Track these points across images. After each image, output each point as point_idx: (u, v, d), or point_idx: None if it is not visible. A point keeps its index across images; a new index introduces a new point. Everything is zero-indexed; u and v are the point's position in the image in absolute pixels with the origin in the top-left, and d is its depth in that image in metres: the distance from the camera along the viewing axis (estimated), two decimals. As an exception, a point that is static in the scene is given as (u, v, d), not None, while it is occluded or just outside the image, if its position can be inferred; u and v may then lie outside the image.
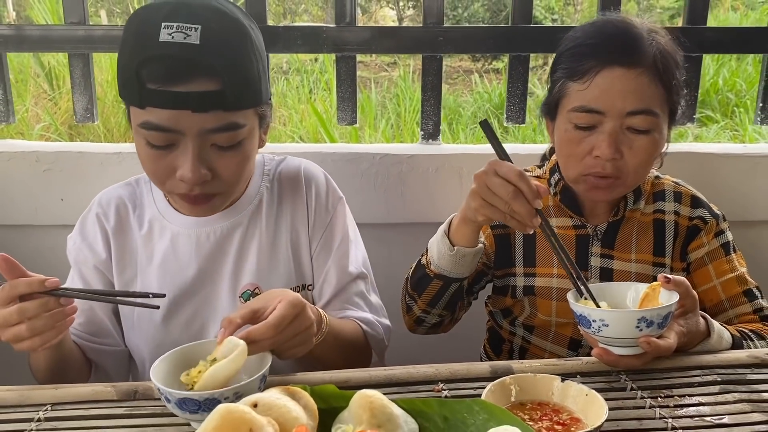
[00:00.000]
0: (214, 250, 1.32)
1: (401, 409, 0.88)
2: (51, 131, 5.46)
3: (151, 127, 1.12)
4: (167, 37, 1.09)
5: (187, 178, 1.15)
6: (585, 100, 1.28)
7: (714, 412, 1.00)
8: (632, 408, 1.01)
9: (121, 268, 1.34)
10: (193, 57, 1.09)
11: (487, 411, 0.85)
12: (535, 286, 1.42)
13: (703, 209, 1.42)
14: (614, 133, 1.27)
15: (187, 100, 1.10)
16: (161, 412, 1.00)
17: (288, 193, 1.38)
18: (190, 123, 1.12)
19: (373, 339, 1.34)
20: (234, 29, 1.15)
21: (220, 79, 1.11)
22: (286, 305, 1.04)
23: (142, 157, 1.19)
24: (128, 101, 1.16)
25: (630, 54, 1.26)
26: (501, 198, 1.15)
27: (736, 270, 1.39)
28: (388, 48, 1.85)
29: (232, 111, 1.15)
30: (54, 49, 1.86)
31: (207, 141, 1.15)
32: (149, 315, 1.30)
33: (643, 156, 1.29)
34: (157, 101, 1.10)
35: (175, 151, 1.15)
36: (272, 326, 1.01)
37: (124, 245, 1.34)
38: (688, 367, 1.13)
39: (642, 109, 1.26)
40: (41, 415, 1.01)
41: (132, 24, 1.15)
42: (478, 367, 1.11)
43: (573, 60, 1.31)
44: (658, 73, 1.26)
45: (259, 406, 0.83)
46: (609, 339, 1.08)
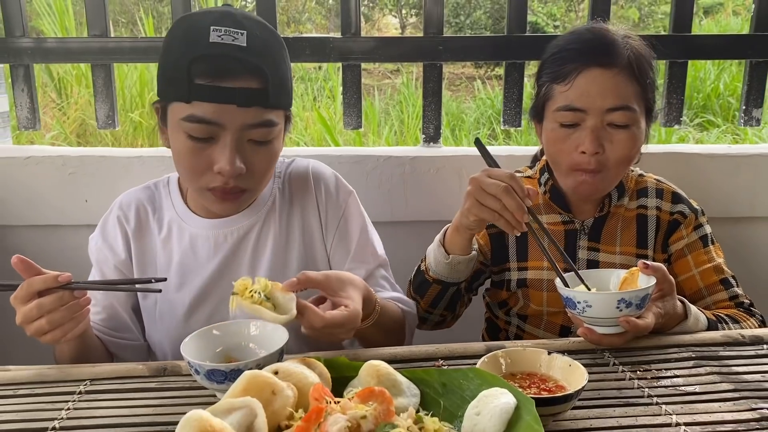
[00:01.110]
0: (231, 251, 1.41)
1: (405, 378, 1.00)
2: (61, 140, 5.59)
3: (196, 120, 1.22)
4: (217, 39, 1.21)
5: (225, 169, 1.24)
6: (568, 100, 1.40)
7: (687, 383, 1.10)
8: (613, 380, 1.12)
9: (141, 269, 1.43)
10: (240, 57, 1.21)
11: (481, 377, 0.96)
12: (527, 279, 1.53)
13: (683, 204, 1.53)
14: (596, 129, 1.39)
15: (233, 95, 1.21)
16: (189, 386, 1.11)
17: (298, 192, 1.46)
18: (233, 117, 1.23)
19: (409, 315, 1.44)
20: (273, 38, 1.29)
21: (262, 78, 1.23)
22: (350, 315, 1.14)
23: (181, 152, 1.27)
24: (173, 97, 1.25)
25: (606, 55, 1.39)
26: (493, 195, 1.26)
27: (714, 260, 1.50)
28: (391, 57, 1.97)
29: (270, 109, 1.26)
30: (78, 60, 1.98)
31: (244, 136, 1.26)
32: (171, 312, 1.41)
33: (624, 150, 1.40)
34: (204, 95, 1.21)
35: (213, 144, 1.25)
36: (327, 324, 1.12)
37: (143, 247, 1.43)
38: (666, 346, 1.24)
39: (620, 106, 1.38)
40: (82, 389, 1.12)
41: (178, 29, 1.27)
42: (474, 346, 1.22)
43: (556, 65, 1.44)
44: (633, 72, 1.39)
45: (279, 373, 0.94)
46: (592, 319, 1.20)
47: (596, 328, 1.21)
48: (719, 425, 0.98)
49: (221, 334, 1.14)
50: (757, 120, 2.04)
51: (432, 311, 1.52)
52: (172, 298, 1.41)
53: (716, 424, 0.98)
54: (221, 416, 0.85)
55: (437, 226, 1.50)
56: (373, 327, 1.29)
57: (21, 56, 1.92)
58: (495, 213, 1.27)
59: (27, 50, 1.92)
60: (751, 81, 2.02)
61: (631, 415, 1.01)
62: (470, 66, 9.03)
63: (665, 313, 1.25)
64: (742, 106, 2.04)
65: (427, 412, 0.94)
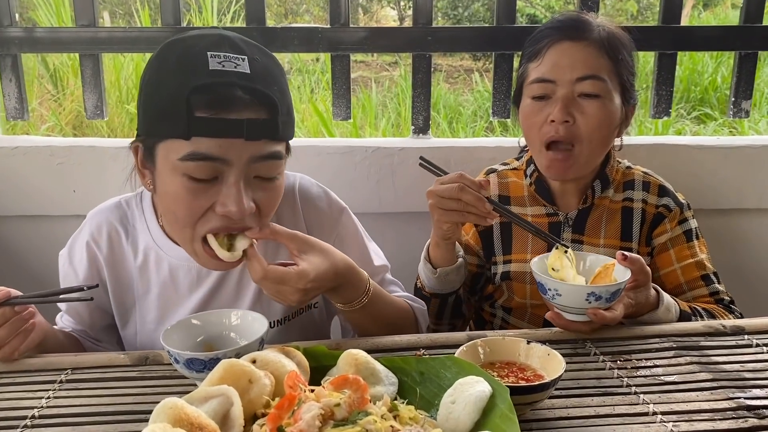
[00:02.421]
0: (215, 284, 1.31)
1: (383, 366, 1.00)
2: (56, 131, 5.58)
3: (199, 158, 1.08)
4: (217, 66, 1.08)
5: (233, 211, 1.10)
6: (539, 73, 1.43)
7: (666, 373, 1.11)
8: (593, 369, 1.12)
9: (118, 298, 1.34)
10: (246, 84, 1.08)
11: (458, 366, 0.96)
12: (510, 272, 1.53)
13: (668, 198, 1.53)
14: (566, 98, 1.40)
15: (240, 128, 1.08)
16: (170, 374, 1.12)
17: (284, 214, 1.34)
18: (240, 152, 1.10)
19: (419, 310, 1.40)
20: (273, 62, 1.17)
21: (271, 107, 1.11)
22: (295, 274, 1.11)
23: (177, 196, 1.12)
24: (168, 134, 1.10)
25: (576, 30, 1.42)
26: (450, 198, 1.29)
27: (696, 256, 1.50)
28: (381, 47, 1.96)
29: (278, 140, 1.14)
30: (66, 50, 1.97)
31: (251, 172, 1.13)
32: (152, 347, 1.31)
33: (595, 120, 1.40)
34: (208, 130, 1.07)
35: (217, 184, 1.11)
36: (266, 276, 1.11)
37: (119, 274, 1.33)
38: (648, 336, 1.24)
39: (589, 75, 1.40)
40: (63, 377, 1.12)
41: (169, 56, 1.12)
42: (456, 336, 1.23)
43: (531, 45, 1.48)
44: (604, 46, 1.41)
45: (257, 362, 0.95)
46: (562, 306, 1.21)
47: (565, 314, 1.22)
48: (696, 414, 0.99)
49: (202, 324, 1.15)
50: (746, 112, 2.03)
51: (440, 323, 1.54)
52: (152, 333, 1.33)
53: (693, 413, 0.99)
54: (197, 404, 0.86)
55: (426, 217, 1.50)
56: (364, 313, 1.25)
57: (9, 46, 1.92)
58: (460, 212, 1.30)
59: (15, 40, 1.91)
60: (740, 73, 2.02)
61: (608, 404, 1.01)
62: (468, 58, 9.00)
63: (636, 303, 1.27)
64: (731, 98, 2.04)
65: (404, 400, 0.95)
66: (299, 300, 1.14)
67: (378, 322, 1.28)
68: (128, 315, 1.35)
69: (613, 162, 1.55)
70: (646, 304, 1.29)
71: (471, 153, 1.94)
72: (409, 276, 1.59)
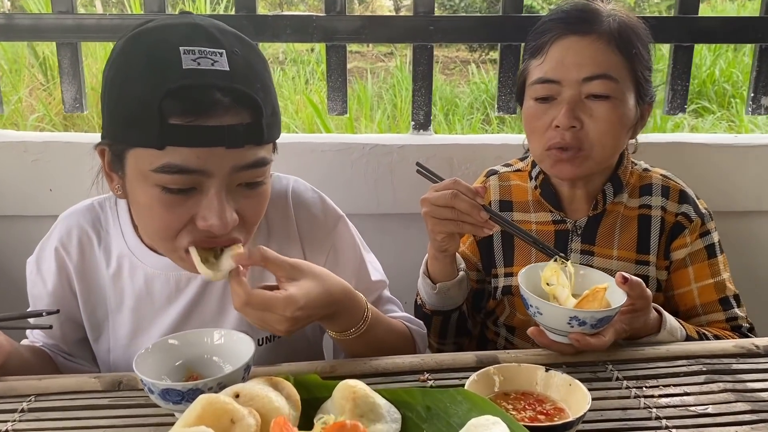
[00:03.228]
0: (195, 295, 1.19)
1: (384, 399, 0.88)
2: (45, 122, 5.44)
3: (173, 170, 0.95)
4: (192, 64, 0.94)
5: (216, 226, 0.98)
6: (542, 72, 1.29)
7: (698, 402, 0.99)
8: (617, 398, 1.01)
9: (90, 310, 1.23)
10: (225, 85, 0.95)
11: (470, 401, 0.85)
12: (512, 286, 1.40)
13: (689, 206, 1.38)
14: (572, 101, 1.26)
15: (220, 135, 0.95)
16: (145, 403, 1.00)
17: (276, 221, 1.23)
18: (221, 161, 0.97)
19: (418, 334, 1.28)
20: (255, 54, 1.03)
21: (254, 110, 0.98)
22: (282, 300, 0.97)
23: (150, 208, 1.00)
24: (137, 142, 0.97)
25: (584, 22, 1.27)
26: (444, 206, 1.18)
27: (718, 275, 1.36)
28: (379, 37, 1.84)
29: (263, 145, 1.02)
30: (43, 38, 1.84)
31: (234, 180, 1.00)
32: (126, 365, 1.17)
33: (605, 124, 1.26)
34: (183, 139, 0.94)
35: (195, 195, 0.99)
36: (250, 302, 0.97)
37: (90, 285, 1.22)
38: (674, 357, 1.13)
39: (598, 74, 1.25)
40: (25, 406, 1.00)
41: (137, 51, 0.98)
42: (463, 357, 1.11)
43: (534, 39, 1.33)
44: (615, 39, 1.26)
45: (240, 397, 0.83)
46: (544, 325, 1.11)
47: (548, 333, 1.11)
48: (737, 454, 0.88)
49: (180, 345, 1.02)
50: (766, 108, 1.92)
51: (444, 342, 1.42)
52: (126, 349, 1.21)
53: (734, 452, 0.88)
54: (170, 449, 0.74)
55: (426, 219, 1.38)
56: (360, 342, 1.11)
57: (-20, 34, 1.79)
58: (455, 222, 1.19)
59: (-14, 27, 1.78)
60: (761, 66, 1.90)
61: (638, 441, 0.90)
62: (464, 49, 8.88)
63: (630, 329, 1.14)
64: (750, 93, 1.92)
65: (408, 440, 0.84)
66: (287, 330, 1.00)
67: (374, 350, 1.14)
68: (100, 329, 1.24)
69: (627, 163, 1.40)
70: (643, 329, 1.17)
71: (475, 151, 1.82)
72: (409, 284, 1.47)
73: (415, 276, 1.42)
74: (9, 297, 1.68)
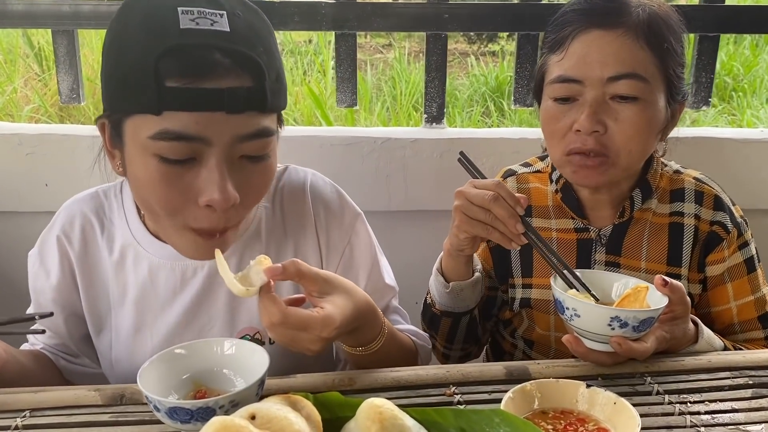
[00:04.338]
0: (203, 287, 1.12)
1: (413, 420, 0.80)
2: (41, 113, 5.35)
3: (172, 137, 0.90)
4: (190, 24, 0.89)
5: (216, 200, 0.93)
6: (562, 70, 1.17)
7: (749, 420, 0.92)
8: (660, 414, 0.93)
9: (91, 302, 1.16)
10: (225, 46, 0.90)
11: (509, 423, 0.77)
12: (531, 299, 1.31)
13: (724, 214, 1.26)
14: (595, 103, 1.14)
15: (220, 99, 0.90)
16: (150, 419, 0.92)
17: (292, 214, 1.17)
18: (221, 129, 0.92)
19: (423, 349, 1.22)
20: (258, 17, 0.98)
21: (256, 73, 0.92)
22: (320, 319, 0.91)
23: (149, 181, 0.95)
24: (134, 109, 0.92)
25: (608, 15, 1.15)
26: (480, 207, 1.09)
27: (758, 290, 1.27)
28: (391, 26, 1.76)
29: (266, 113, 0.96)
30: (38, 25, 1.76)
31: (236, 152, 0.95)
32: (129, 360, 1.15)
33: (631, 128, 1.14)
34: (181, 102, 0.89)
35: (196, 167, 0.94)
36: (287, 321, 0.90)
37: (92, 273, 1.16)
38: (716, 369, 1.05)
39: (624, 73, 1.13)
40: (19, 423, 0.92)
41: (134, 13, 0.93)
42: (491, 369, 1.03)
43: (554, 31, 1.21)
44: (644, 33, 1.14)
45: (257, 419, 0.75)
46: (581, 330, 1.02)
47: (585, 341, 1.03)
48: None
49: (187, 355, 0.94)
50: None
51: (451, 347, 1.33)
52: (129, 345, 1.15)
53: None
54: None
55: (440, 216, 1.31)
56: (376, 357, 1.05)
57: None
58: (486, 226, 1.09)
59: (-23, 13, 1.69)
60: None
61: (689, 465, 0.83)
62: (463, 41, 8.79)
63: (672, 338, 1.06)
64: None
65: (441, 467, 0.76)
66: (319, 349, 0.94)
67: (380, 364, 1.07)
68: (102, 323, 1.17)
69: (657, 166, 1.28)
70: (683, 339, 1.09)
71: (491, 145, 1.74)
72: (421, 284, 1.39)
73: (428, 277, 1.33)
74: (4, 296, 1.60)
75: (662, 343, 1.05)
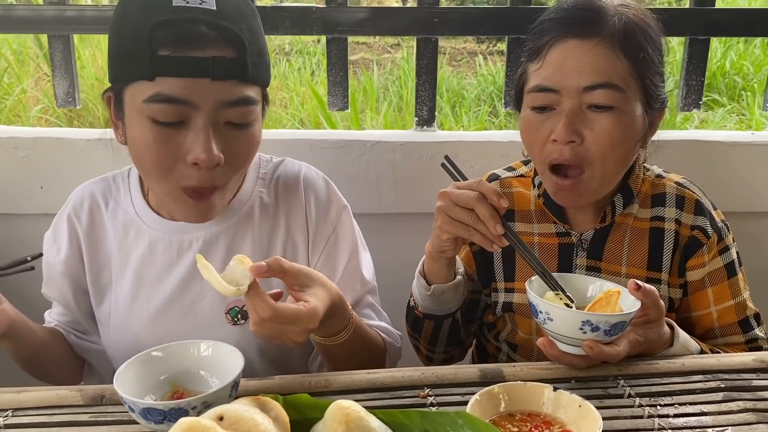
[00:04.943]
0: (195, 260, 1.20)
1: (380, 421, 0.82)
2: (49, 113, 5.40)
3: (162, 99, 1.03)
4: (181, 2, 1.03)
5: (201, 158, 1.04)
6: (540, 79, 1.17)
7: (716, 423, 0.93)
8: (629, 417, 0.94)
9: (95, 273, 1.26)
10: (211, 21, 1.03)
11: (472, 425, 0.79)
12: (513, 303, 1.32)
13: (705, 218, 1.27)
14: (571, 113, 1.14)
15: (205, 66, 1.02)
16: (128, 419, 0.94)
17: (285, 201, 1.27)
18: (206, 94, 1.04)
19: (392, 347, 1.28)
20: (244, 2, 1.10)
21: (238, 46, 1.05)
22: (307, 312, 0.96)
23: (144, 143, 1.06)
24: (131, 77, 1.05)
25: (585, 24, 1.15)
26: (464, 208, 1.09)
27: (738, 295, 1.27)
28: (382, 30, 1.77)
29: (248, 84, 1.07)
30: (33, 30, 1.80)
31: (221, 118, 1.06)
32: (126, 327, 1.23)
33: (607, 138, 1.14)
34: (171, 68, 1.02)
35: (184, 130, 1.05)
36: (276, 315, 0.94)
37: (96, 248, 1.26)
38: (690, 372, 1.06)
39: (600, 83, 1.13)
40: (1, 422, 0.95)
41: None
42: (466, 371, 1.05)
43: (532, 40, 1.22)
44: (620, 42, 1.13)
45: (225, 420, 0.77)
46: (554, 333, 1.04)
47: (558, 344, 1.04)
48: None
49: (164, 357, 0.97)
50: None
51: (434, 349, 1.35)
52: (127, 311, 1.23)
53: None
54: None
55: (429, 218, 1.30)
56: (344, 347, 1.11)
57: (-30, 26, 1.73)
58: (468, 227, 1.10)
59: (-25, 19, 1.72)
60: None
61: (653, 468, 0.84)
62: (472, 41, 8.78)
63: (645, 341, 1.07)
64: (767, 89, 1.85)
65: (405, 468, 0.78)
66: (303, 341, 1.00)
67: (351, 355, 1.14)
68: (104, 293, 1.27)
69: (639, 170, 1.29)
70: (658, 342, 1.10)
71: (481, 148, 1.75)
72: (410, 285, 1.41)
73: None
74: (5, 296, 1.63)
75: (635, 346, 1.06)
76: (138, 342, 1.19)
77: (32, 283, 1.33)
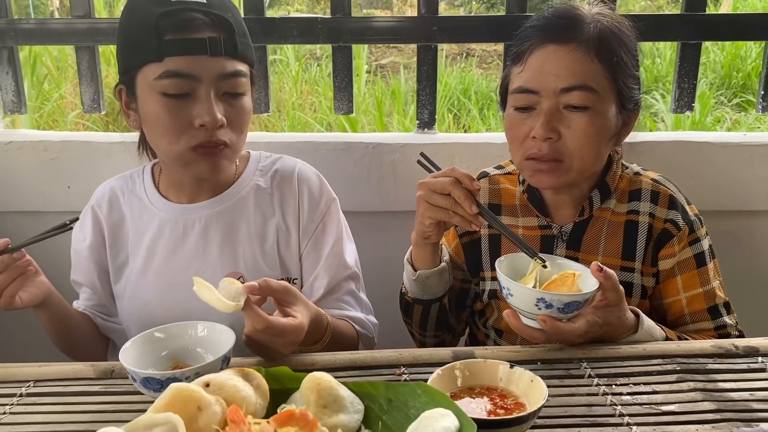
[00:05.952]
0: (199, 237, 1.39)
1: (349, 391, 0.92)
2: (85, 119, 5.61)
3: (171, 75, 1.24)
4: None
5: (208, 121, 1.25)
6: (522, 81, 1.29)
7: (665, 401, 1.01)
8: (585, 395, 1.03)
9: (114, 254, 1.45)
10: (204, 10, 1.26)
11: (428, 395, 0.88)
12: (497, 290, 1.39)
13: (677, 212, 1.36)
14: (549, 112, 1.26)
15: (203, 45, 1.24)
16: (133, 390, 1.05)
17: (280, 190, 1.44)
18: (206, 68, 1.25)
19: (365, 338, 1.42)
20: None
21: (228, 29, 1.27)
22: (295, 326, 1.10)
23: (157, 115, 1.27)
24: (143, 61, 1.26)
25: (563, 31, 1.26)
26: (441, 193, 1.20)
27: (707, 284, 1.35)
28: (384, 38, 1.87)
29: (238, 59, 1.29)
30: (61, 41, 1.93)
31: (219, 88, 1.28)
32: (138, 298, 1.40)
33: (582, 136, 1.26)
34: (176, 49, 1.23)
35: (191, 101, 1.26)
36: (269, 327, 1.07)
37: (116, 232, 1.45)
38: (650, 356, 1.14)
39: (576, 85, 1.24)
40: (23, 391, 1.07)
41: None
42: (440, 353, 1.15)
43: (516, 45, 1.33)
44: (595, 48, 1.24)
45: (211, 386, 0.88)
46: (516, 307, 1.14)
47: (521, 318, 1.15)
48: (692, 452, 0.89)
49: (165, 337, 1.09)
50: (777, 106, 1.90)
51: (425, 333, 1.46)
52: (140, 283, 1.41)
53: (689, 450, 0.90)
54: (139, 433, 0.79)
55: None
56: (321, 349, 1.26)
57: (4, 38, 1.88)
58: (447, 211, 1.21)
59: (10, 32, 1.87)
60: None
61: (595, 437, 0.92)
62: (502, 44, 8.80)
63: (604, 323, 1.15)
64: (760, 92, 1.90)
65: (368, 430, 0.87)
66: (288, 353, 1.15)
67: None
68: (122, 271, 1.44)
69: (617, 168, 1.39)
70: (619, 327, 1.18)
71: (477, 150, 1.84)
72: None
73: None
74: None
75: (594, 327, 1.14)
76: (149, 311, 1.37)
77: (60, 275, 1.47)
